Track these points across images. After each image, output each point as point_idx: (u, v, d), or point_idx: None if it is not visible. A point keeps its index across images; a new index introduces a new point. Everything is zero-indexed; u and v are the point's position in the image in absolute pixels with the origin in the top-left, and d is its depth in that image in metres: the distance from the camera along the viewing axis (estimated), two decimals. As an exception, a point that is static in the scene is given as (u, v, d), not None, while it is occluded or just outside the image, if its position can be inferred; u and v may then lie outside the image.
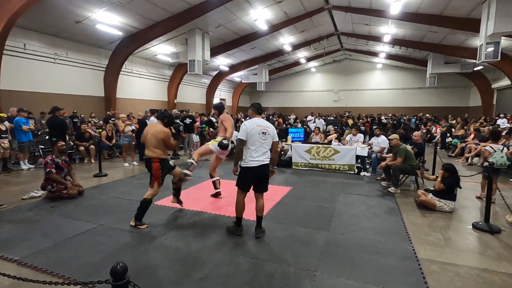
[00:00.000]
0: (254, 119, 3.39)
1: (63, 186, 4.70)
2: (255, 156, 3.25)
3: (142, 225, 3.66)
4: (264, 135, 3.29)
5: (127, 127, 7.58)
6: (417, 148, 6.27)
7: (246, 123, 3.34)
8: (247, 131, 3.26)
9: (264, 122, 3.40)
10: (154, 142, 3.71)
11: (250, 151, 3.27)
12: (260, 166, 3.27)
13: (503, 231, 3.72)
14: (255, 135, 3.25)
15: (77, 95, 11.61)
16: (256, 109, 3.51)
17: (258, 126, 3.29)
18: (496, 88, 16.26)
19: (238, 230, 3.47)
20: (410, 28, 13.07)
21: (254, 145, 3.26)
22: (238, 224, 3.47)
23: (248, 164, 3.26)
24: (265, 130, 3.31)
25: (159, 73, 16.12)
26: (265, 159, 3.31)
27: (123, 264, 1.22)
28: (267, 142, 3.31)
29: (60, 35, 10.62)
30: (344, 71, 23.99)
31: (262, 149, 3.28)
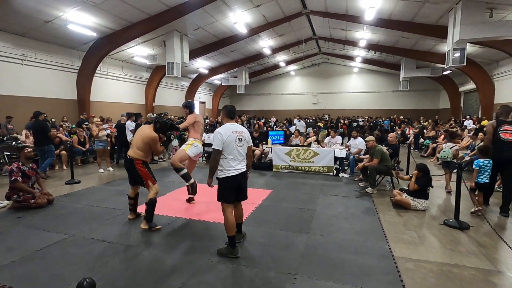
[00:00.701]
0: (227, 125, 3.07)
1: (31, 195, 4.42)
2: (233, 165, 3.00)
3: (156, 226, 3.69)
4: (241, 142, 3.05)
5: (102, 131, 7.28)
6: (392, 149, 6.51)
7: (221, 131, 2.99)
8: (223, 140, 2.94)
9: (239, 127, 3.13)
10: (140, 144, 3.69)
11: (228, 160, 2.99)
12: (240, 175, 3.04)
13: (471, 227, 3.91)
14: (232, 142, 2.98)
15: (48, 98, 11.03)
16: (229, 113, 3.18)
17: (233, 132, 3.01)
18: (463, 92, 17.26)
19: (233, 252, 3.01)
20: (384, 34, 13.61)
21: (231, 154, 2.99)
22: (233, 246, 3.03)
23: (227, 174, 2.99)
24: (241, 136, 3.07)
25: (136, 76, 15.69)
26: (243, 166, 3.10)
27: (90, 280, 1.15)
28: (243, 148, 3.09)
29: (28, 35, 10.07)
30: (322, 75, 24.54)
31: (239, 157, 3.05)
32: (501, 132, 4.44)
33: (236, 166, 3.02)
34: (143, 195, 4.64)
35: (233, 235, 3.03)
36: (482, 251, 3.27)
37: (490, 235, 3.55)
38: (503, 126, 4.45)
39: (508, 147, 4.37)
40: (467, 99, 17.36)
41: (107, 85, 13.88)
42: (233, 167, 3.00)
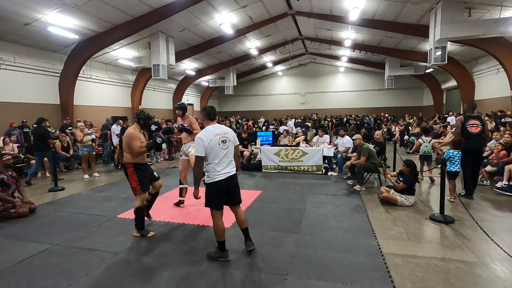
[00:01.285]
0: (208, 128, 2.91)
1: (11, 204, 4.26)
2: (219, 170, 2.85)
3: (148, 233, 3.62)
4: (225, 143, 2.89)
5: (86, 136, 7.09)
6: (378, 146, 6.61)
7: (201, 136, 2.81)
8: (205, 145, 2.78)
9: (221, 128, 2.96)
10: (124, 145, 3.55)
11: (213, 165, 2.83)
12: (228, 178, 2.89)
13: (456, 220, 4.01)
14: (215, 146, 2.82)
15: (28, 103, 10.68)
16: (208, 114, 2.99)
17: (216, 135, 2.85)
18: (445, 89, 17.77)
19: (223, 256, 2.97)
20: (368, 34, 13.86)
21: (216, 158, 2.83)
22: (222, 249, 2.97)
23: (214, 179, 2.85)
24: (225, 137, 2.90)
25: (121, 78, 15.40)
26: (231, 169, 2.94)
27: None
28: (229, 150, 2.93)
29: (6, 38, 9.72)
30: (309, 74, 24.76)
31: (226, 159, 2.89)
32: (469, 126, 4.95)
33: (222, 170, 2.87)
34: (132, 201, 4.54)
35: (223, 240, 2.96)
36: (466, 243, 3.35)
37: (473, 228, 3.65)
38: (470, 121, 4.96)
39: (475, 138, 4.90)
40: (449, 96, 17.87)
41: (91, 89, 13.55)
42: (219, 172, 2.86)
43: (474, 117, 5.01)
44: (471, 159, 4.92)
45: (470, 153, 4.87)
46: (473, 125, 4.94)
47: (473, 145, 4.87)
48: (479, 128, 4.92)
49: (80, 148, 7.12)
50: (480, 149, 5.08)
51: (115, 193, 5.69)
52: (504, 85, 11.85)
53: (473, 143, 4.88)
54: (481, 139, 5.01)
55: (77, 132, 7.08)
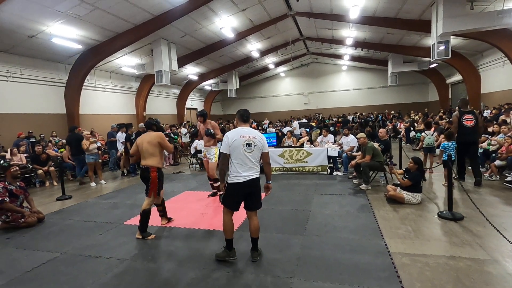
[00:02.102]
0: (238, 129, 2.98)
1: (20, 214, 4.32)
2: (240, 172, 2.87)
3: (149, 236, 3.72)
4: (250, 147, 2.88)
5: (92, 144, 7.17)
6: (383, 144, 6.55)
7: (228, 134, 2.93)
8: (229, 144, 2.86)
9: (250, 131, 2.96)
10: (151, 149, 3.73)
11: (234, 165, 2.88)
12: (248, 182, 2.89)
13: (465, 217, 3.94)
14: (239, 147, 2.86)
15: (36, 114, 10.87)
16: (241, 116, 3.07)
17: (242, 137, 2.88)
18: (450, 83, 17.53)
19: (230, 254, 2.99)
20: (370, 31, 13.78)
21: (238, 158, 2.87)
22: (230, 248, 3.00)
23: (234, 180, 2.88)
24: (251, 141, 2.89)
25: (125, 86, 15.58)
26: (253, 173, 2.93)
27: None
28: (253, 154, 2.91)
29: (12, 51, 9.93)
30: (312, 74, 24.70)
31: (248, 163, 2.89)
32: (464, 120, 5.44)
33: (243, 172, 2.88)
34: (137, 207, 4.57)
35: (230, 238, 3.00)
36: (476, 241, 3.28)
37: (483, 224, 3.57)
38: (465, 115, 5.47)
39: (470, 132, 5.43)
40: (454, 90, 17.62)
41: (96, 97, 13.74)
42: (240, 174, 2.87)
43: (468, 112, 5.51)
44: (466, 149, 5.49)
45: (465, 144, 5.45)
46: (468, 119, 5.42)
47: (468, 137, 5.42)
48: (473, 122, 5.40)
49: (86, 156, 7.19)
50: (475, 140, 5.58)
51: (121, 200, 5.73)
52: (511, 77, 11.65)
53: (468, 135, 5.41)
54: (475, 131, 5.51)
55: (83, 141, 7.15)
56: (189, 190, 6.32)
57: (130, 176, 8.40)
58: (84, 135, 7.36)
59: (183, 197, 5.83)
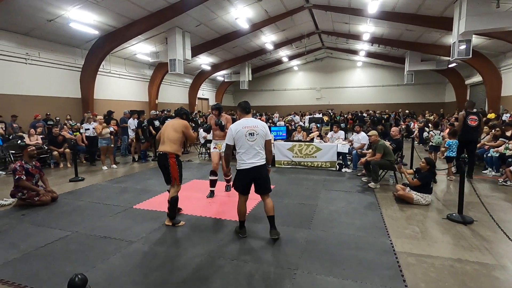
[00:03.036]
0: (241, 121, 3.24)
1: (35, 192, 4.48)
2: (245, 159, 3.15)
3: (179, 222, 3.78)
4: (252, 136, 3.13)
5: (105, 129, 7.32)
6: (395, 143, 6.44)
7: (232, 127, 3.19)
8: (233, 135, 3.15)
9: (252, 121, 3.22)
10: (174, 135, 3.74)
11: (240, 154, 3.17)
12: (252, 168, 3.14)
13: (475, 221, 3.86)
14: (242, 137, 3.13)
15: (52, 97, 11.13)
16: (243, 109, 3.32)
17: (244, 127, 3.15)
18: (469, 84, 16.97)
19: (240, 232, 3.41)
20: (388, 27, 13.41)
21: (242, 148, 3.14)
22: (240, 226, 3.42)
23: (240, 167, 3.20)
24: (253, 130, 3.14)
25: (139, 73, 15.74)
26: (257, 160, 3.16)
27: (82, 276, 1.15)
28: (256, 142, 3.15)
29: (31, 34, 10.14)
30: (326, 69, 24.33)
31: (252, 151, 3.14)
32: (469, 120, 5.88)
33: (248, 160, 3.14)
34: (147, 193, 4.66)
35: (243, 220, 3.39)
36: (485, 245, 3.23)
37: (493, 229, 3.50)
38: (470, 116, 5.90)
39: (473, 131, 5.90)
40: (473, 92, 17.06)
41: (110, 83, 13.94)
42: (245, 161, 3.15)
43: (473, 113, 5.95)
44: (466, 147, 5.91)
45: (466, 142, 5.91)
46: (472, 120, 5.87)
47: (470, 136, 5.91)
48: (476, 122, 5.85)
49: (99, 140, 7.35)
50: (476, 139, 6.13)
51: (131, 185, 5.86)
52: (534, 81, 11.20)
53: (471, 134, 5.90)
54: (477, 131, 6.01)
55: (97, 125, 7.31)
56: (197, 178, 6.40)
57: (141, 162, 8.55)
58: (98, 120, 7.51)
59: (191, 185, 5.92)
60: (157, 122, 9.25)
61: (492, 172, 6.38)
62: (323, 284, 2.51)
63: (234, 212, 4.22)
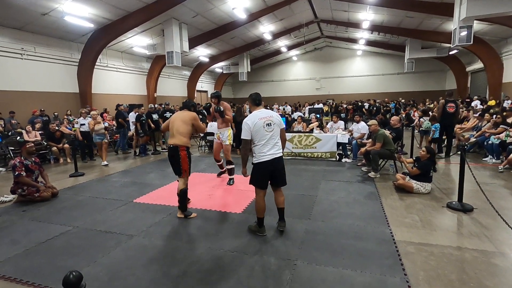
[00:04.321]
0: (254, 113, 3.11)
1: (35, 188, 4.49)
2: (265, 151, 3.04)
3: (190, 214, 3.79)
4: (270, 127, 3.04)
5: (98, 125, 7.18)
6: (395, 132, 6.40)
7: (248, 121, 3.04)
8: (251, 129, 3.00)
9: (266, 112, 3.12)
10: (183, 128, 3.74)
11: (259, 147, 3.05)
12: (273, 160, 3.06)
13: (475, 209, 3.87)
14: (260, 130, 3.01)
15: (49, 92, 11.05)
16: (254, 100, 3.19)
17: (260, 119, 3.03)
18: (470, 71, 16.79)
19: (260, 230, 3.25)
20: (388, 14, 13.18)
21: (262, 140, 3.03)
22: (260, 225, 3.27)
23: (260, 160, 3.05)
24: (269, 120, 3.05)
25: (137, 66, 15.58)
26: (276, 151, 3.09)
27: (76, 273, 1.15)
28: (274, 132, 3.07)
29: (26, 29, 9.99)
30: (325, 59, 24.07)
31: (271, 141, 3.05)
32: (448, 107, 6.85)
33: (268, 151, 3.04)
34: (148, 186, 4.66)
35: (262, 217, 3.21)
36: (485, 233, 3.23)
37: (493, 216, 3.50)
38: (449, 104, 6.86)
39: (451, 116, 6.87)
40: (474, 79, 16.90)
41: (108, 77, 13.82)
42: (265, 153, 3.04)
43: (451, 101, 6.91)
44: (446, 130, 7.00)
45: (446, 126, 6.94)
46: (450, 107, 6.83)
47: (449, 120, 6.89)
48: (453, 109, 6.82)
49: (93, 136, 7.29)
50: (453, 123, 7.12)
51: (131, 179, 5.87)
52: (536, 66, 11.06)
53: (449, 119, 6.89)
54: (454, 116, 6.98)
55: (89, 121, 7.22)
56: (197, 171, 6.40)
57: (141, 156, 8.55)
58: (92, 115, 7.40)
59: (191, 178, 5.86)
60: (155, 116, 9.20)
61: (493, 160, 6.36)
62: (322, 274, 2.52)
63: (234, 204, 4.26)
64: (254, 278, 2.48)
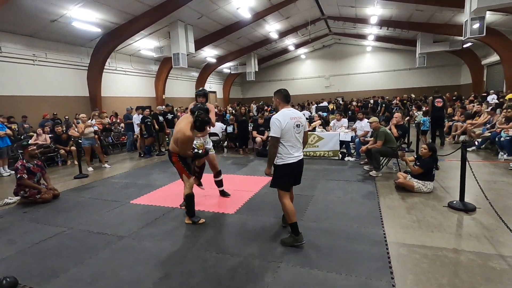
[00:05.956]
0: (284, 111, 2.90)
1: (37, 190, 4.62)
2: (292, 153, 2.88)
3: (199, 220, 3.63)
4: (298, 128, 2.91)
5: (88, 128, 6.96)
6: (400, 130, 6.20)
7: (279, 118, 2.84)
8: (282, 127, 2.81)
9: (296, 112, 2.98)
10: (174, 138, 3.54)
11: (286, 147, 2.87)
12: (298, 162, 2.95)
13: (478, 208, 3.68)
14: (290, 130, 2.84)
15: (61, 96, 11.41)
16: (285, 97, 2.99)
17: (292, 119, 2.86)
18: (486, 65, 16.09)
19: (297, 239, 2.92)
20: (397, 8, 12.82)
21: (289, 141, 2.86)
22: (296, 232, 2.92)
23: (286, 161, 2.89)
24: (299, 122, 2.91)
25: (145, 69, 15.86)
26: (300, 153, 2.99)
27: (11, 279, 1.15)
28: (301, 135, 2.96)
29: (37, 36, 10.35)
30: (334, 56, 23.71)
31: (297, 143, 2.93)
32: (436, 102, 7.70)
33: (294, 153, 2.91)
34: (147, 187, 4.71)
35: (295, 221, 2.93)
36: (485, 234, 3.07)
37: (497, 217, 3.29)
38: (436, 99, 7.72)
39: (438, 110, 7.71)
40: (490, 72, 16.16)
41: (116, 80, 14.13)
42: (292, 154, 2.90)
43: (438, 96, 7.79)
44: (436, 122, 7.83)
45: (435, 119, 7.77)
46: (438, 102, 7.68)
47: (438, 114, 7.73)
48: (441, 103, 7.67)
49: (82, 140, 7.04)
50: (442, 115, 7.93)
51: (133, 180, 5.95)
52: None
53: (438, 112, 7.72)
54: (442, 110, 7.83)
55: (79, 125, 7.06)
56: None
57: (146, 157, 8.67)
58: (80, 118, 7.19)
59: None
60: (161, 118, 9.31)
61: (504, 156, 6.05)
62: (305, 277, 2.46)
63: (229, 205, 4.22)
64: (235, 281, 2.44)
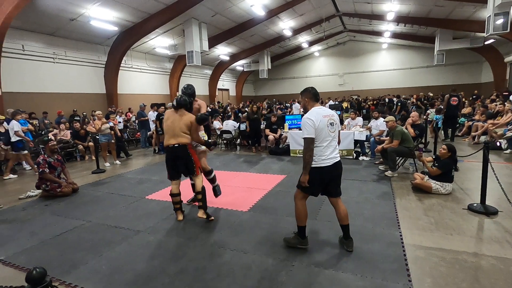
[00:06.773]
0: (316, 110, 2.69)
1: (57, 184, 4.79)
2: (327, 154, 2.67)
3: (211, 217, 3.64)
4: (333, 127, 2.70)
5: (104, 125, 7.15)
6: (417, 129, 6.05)
7: (311, 117, 2.62)
8: (316, 127, 2.59)
9: (327, 110, 2.79)
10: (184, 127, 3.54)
11: (320, 148, 2.65)
12: (334, 165, 2.71)
13: (500, 212, 3.55)
14: (324, 129, 2.63)
15: (79, 93, 11.75)
16: (314, 96, 2.78)
17: (324, 117, 2.65)
18: (509, 62, 15.43)
19: (302, 242, 2.85)
20: (415, 4, 12.47)
21: (325, 141, 2.65)
22: (303, 236, 2.85)
23: (320, 164, 2.66)
24: (332, 120, 2.70)
25: (160, 67, 16.09)
26: (336, 154, 2.75)
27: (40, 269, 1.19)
28: (335, 134, 2.74)
29: (57, 34, 10.67)
30: (348, 54, 23.33)
31: (333, 143, 2.72)
32: (451, 100, 8.21)
33: (330, 154, 2.69)
34: (162, 183, 4.78)
35: (304, 225, 2.84)
36: (507, 238, 2.95)
37: (520, 221, 3.20)
38: (452, 97, 8.25)
39: (454, 108, 8.26)
40: (514, 70, 15.51)
41: (132, 78, 14.42)
42: (327, 156, 2.67)
43: (455, 95, 8.25)
44: (451, 119, 8.28)
45: (450, 117, 8.21)
46: (454, 100, 8.20)
47: (452, 112, 8.23)
48: (456, 102, 8.16)
49: (99, 136, 7.16)
50: (456, 114, 8.52)
51: (148, 176, 6.07)
52: None
53: (453, 111, 8.24)
54: (457, 108, 8.37)
55: (95, 121, 7.24)
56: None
57: (160, 153, 8.82)
58: (96, 115, 7.35)
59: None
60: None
61: (528, 158, 5.82)
62: (319, 277, 2.44)
63: (242, 202, 4.23)
64: (249, 278, 2.46)
